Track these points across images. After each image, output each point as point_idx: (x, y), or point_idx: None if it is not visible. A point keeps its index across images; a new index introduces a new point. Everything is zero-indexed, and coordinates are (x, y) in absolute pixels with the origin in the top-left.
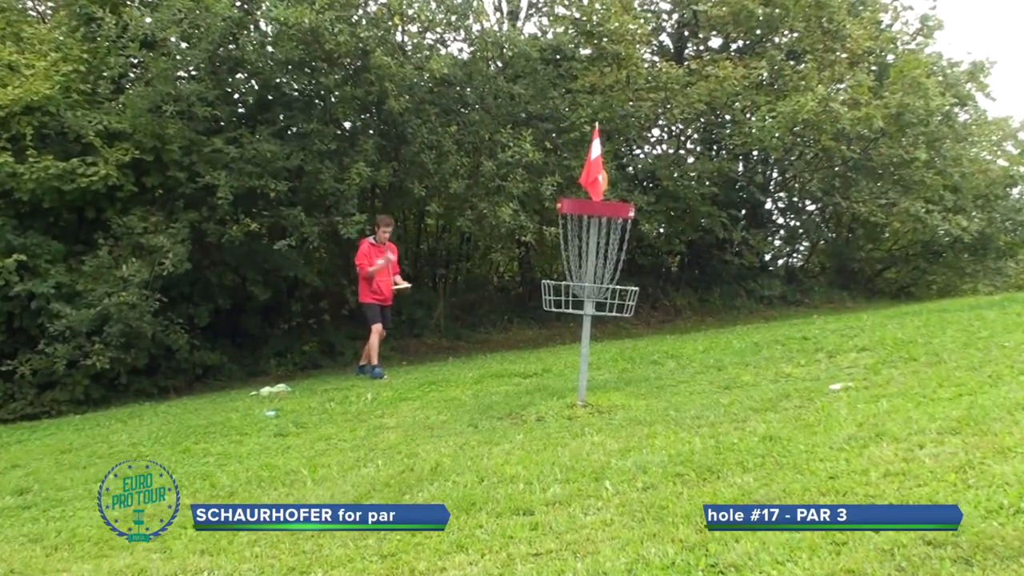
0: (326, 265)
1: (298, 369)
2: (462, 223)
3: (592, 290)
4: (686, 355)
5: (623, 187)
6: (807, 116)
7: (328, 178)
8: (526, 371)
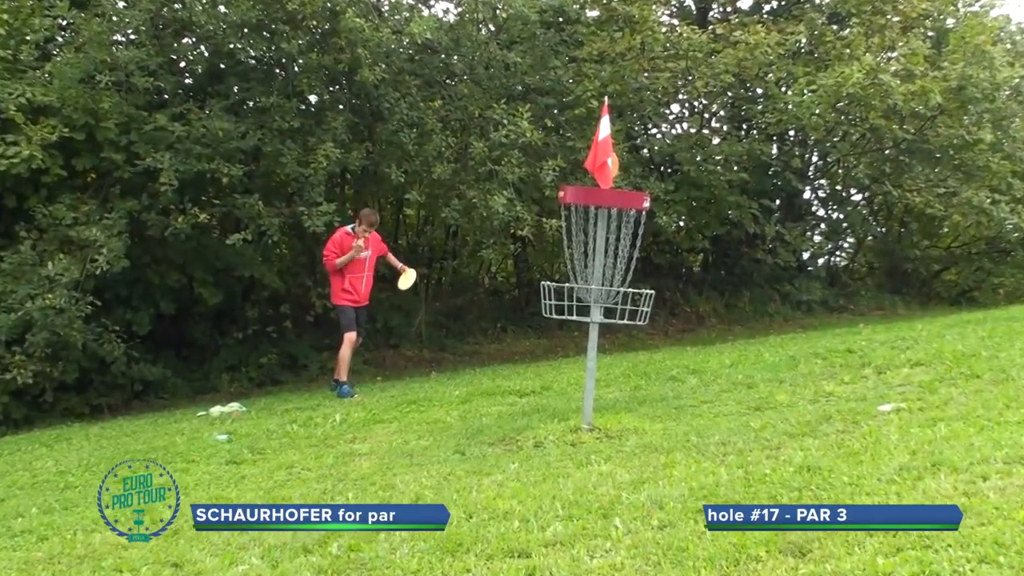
0: (288, 263)
1: (254, 385)
2: (447, 214)
3: (600, 294)
4: (710, 370)
5: (636, 173)
6: (853, 90)
7: (290, 161)
8: (522, 388)
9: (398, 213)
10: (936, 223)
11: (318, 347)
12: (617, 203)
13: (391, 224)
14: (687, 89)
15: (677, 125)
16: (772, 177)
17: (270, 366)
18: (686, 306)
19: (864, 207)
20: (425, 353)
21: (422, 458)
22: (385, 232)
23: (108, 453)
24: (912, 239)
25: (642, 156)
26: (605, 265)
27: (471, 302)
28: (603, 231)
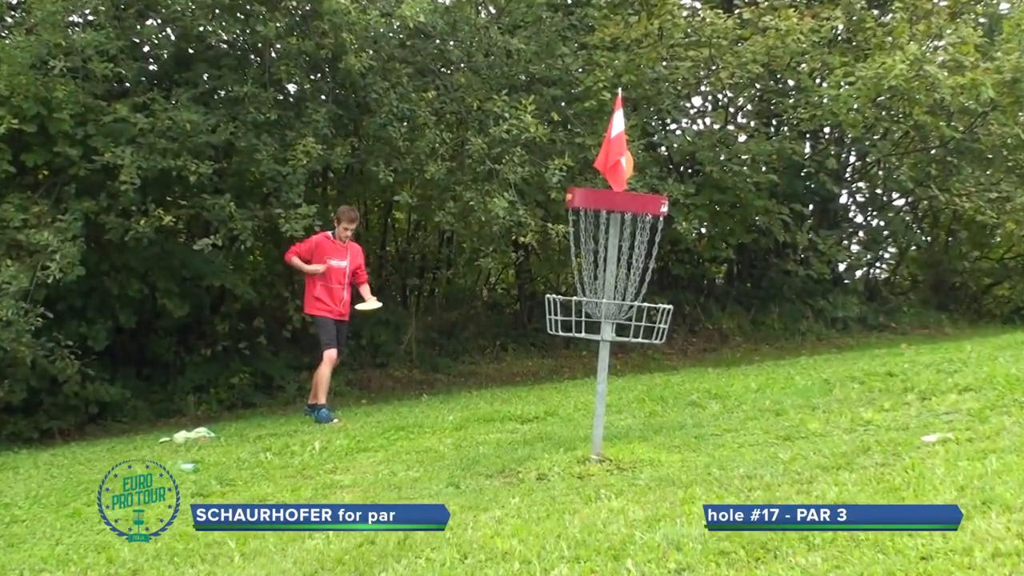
0: (262, 272)
1: (224, 408)
2: (442, 219)
3: (612, 308)
4: (734, 395)
5: (653, 173)
6: (895, 82)
7: (266, 158)
8: (524, 414)
9: (386, 217)
10: (987, 232)
11: (296, 366)
12: (631, 207)
13: (378, 229)
14: (710, 80)
15: (699, 120)
16: (805, 179)
17: (242, 387)
18: (708, 323)
19: (907, 213)
20: (415, 374)
21: (411, 491)
22: (372, 238)
23: (59, 483)
24: (960, 249)
25: (659, 155)
26: (617, 276)
27: (467, 317)
28: (615, 238)
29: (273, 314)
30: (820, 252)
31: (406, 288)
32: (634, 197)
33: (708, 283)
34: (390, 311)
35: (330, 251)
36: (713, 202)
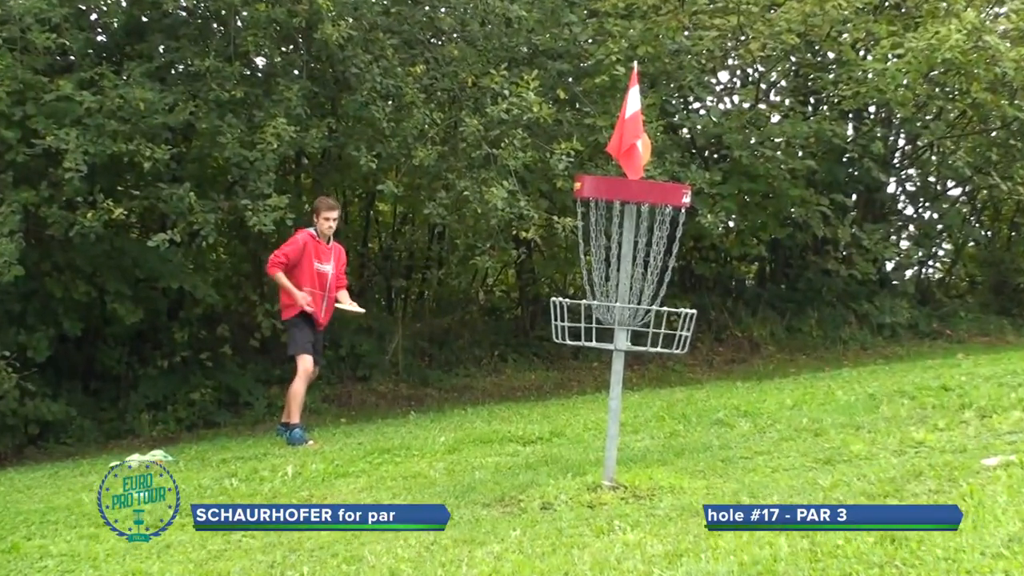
0: (227, 272)
1: (184, 428)
2: (432, 211)
3: (626, 313)
4: (767, 412)
5: (674, 159)
6: (950, 55)
7: (231, 141)
8: (526, 434)
9: (368, 209)
10: None
11: (265, 379)
12: (649, 197)
13: (359, 223)
14: (739, 53)
15: (726, 99)
16: (847, 166)
17: (204, 403)
18: (736, 330)
19: (964, 205)
20: (402, 388)
21: None
22: (352, 233)
23: None
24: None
25: (681, 138)
26: (633, 277)
27: (461, 323)
28: (630, 233)
29: (239, 320)
30: (865, 249)
31: (391, 290)
32: (652, 186)
33: (736, 284)
34: (373, 316)
35: (316, 253)
36: (742, 192)
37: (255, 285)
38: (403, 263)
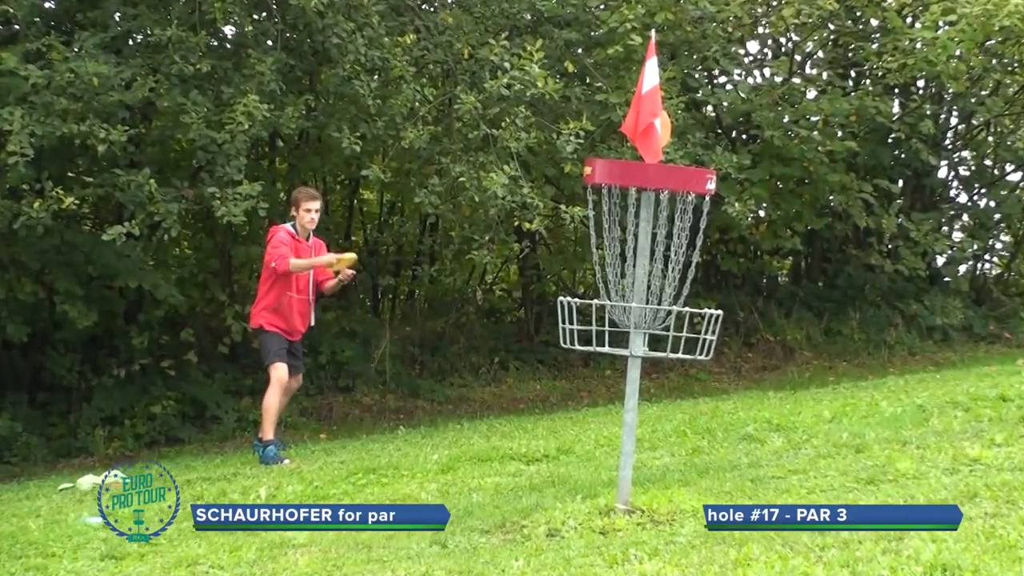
0: (192, 269)
1: (143, 445)
2: (423, 200)
3: (644, 315)
4: (802, 426)
5: (697, 140)
6: (1008, 22)
7: (197, 121)
8: (530, 452)
9: (352, 197)
10: None
11: (235, 390)
12: (669, 184)
13: (341, 214)
14: (770, 20)
15: (755, 72)
16: (892, 147)
17: (166, 417)
18: (767, 333)
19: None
20: (389, 400)
21: (384, 552)
22: (333, 225)
23: None
24: None
25: (705, 116)
26: (651, 274)
27: (456, 326)
28: (648, 224)
29: (206, 324)
30: (913, 241)
31: (378, 290)
32: (672, 171)
33: (768, 282)
34: (356, 319)
35: (296, 253)
36: (774, 177)
37: (224, 284)
38: (391, 258)
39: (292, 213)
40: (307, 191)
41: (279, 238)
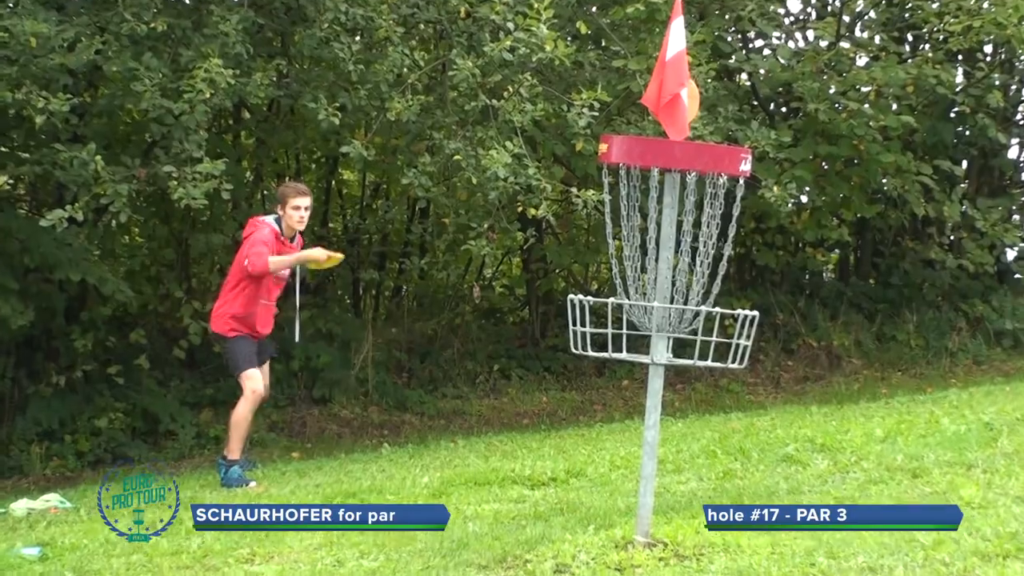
0: (144, 260)
1: (86, 464)
2: (412, 181)
3: (668, 316)
4: (850, 446)
5: (730, 113)
6: None
7: (151, 89)
8: (536, 474)
9: (329, 178)
10: None
11: (194, 401)
12: (697, 164)
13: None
14: None
15: (797, 35)
16: (955, 123)
17: (112, 432)
18: (810, 338)
19: None
20: (372, 413)
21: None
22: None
23: None
24: None
25: (739, 86)
26: (676, 268)
27: (450, 328)
28: (673, 211)
29: (160, 324)
30: (979, 232)
31: (359, 285)
32: (701, 149)
33: (811, 279)
34: (334, 319)
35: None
36: (819, 157)
37: (180, 278)
38: (374, 249)
39: (277, 211)
40: (296, 186)
41: (261, 236)
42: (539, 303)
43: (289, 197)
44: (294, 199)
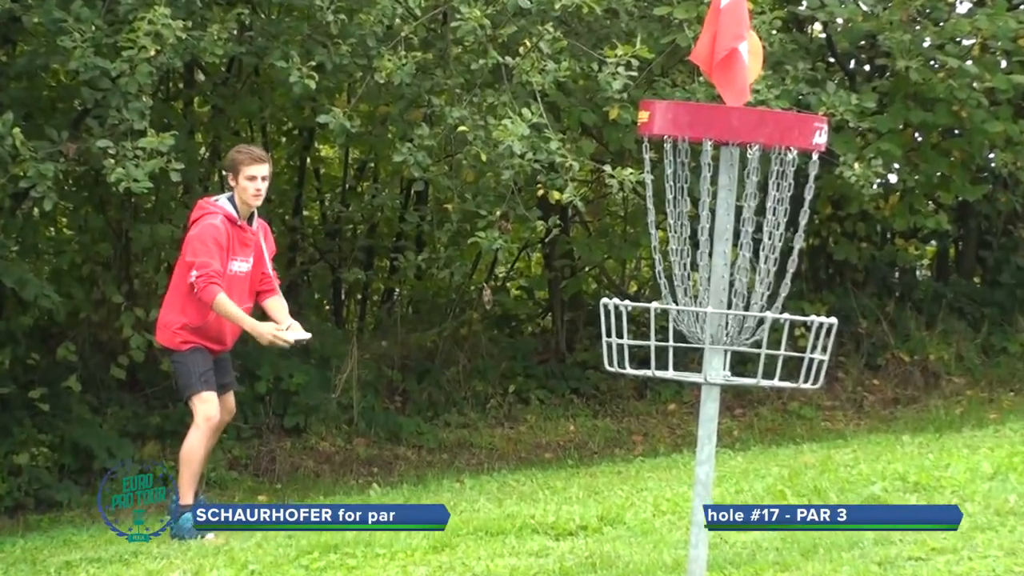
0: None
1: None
2: (407, 159)
3: (724, 324)
4: (951, 484)
5: (799, 73)
6: None
7: (82, 46)
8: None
9: (303, 156)
10: None
11: (136, 431)
12: (760, 136)
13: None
14: None
15: None
16: None
17: (35, 471)
18: (901, 351)
19: None
20: (358, 446)
21: None
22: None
23: None
24: None
25: (812, 38)
26: (735, 266)
27: (453, 341)
28: (730, 194)
29: (94, 336)
30: None
31: (340, 287)
32: (765, 117)
33: (902, 277)
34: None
35: (233, 244)
36: (911, 126)
37: (119, 279)
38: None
39: (228, 183)
40: (250, 151)
41: (208, 232)
42: (564, 309)
43: (242, 165)
44: (248, 167)
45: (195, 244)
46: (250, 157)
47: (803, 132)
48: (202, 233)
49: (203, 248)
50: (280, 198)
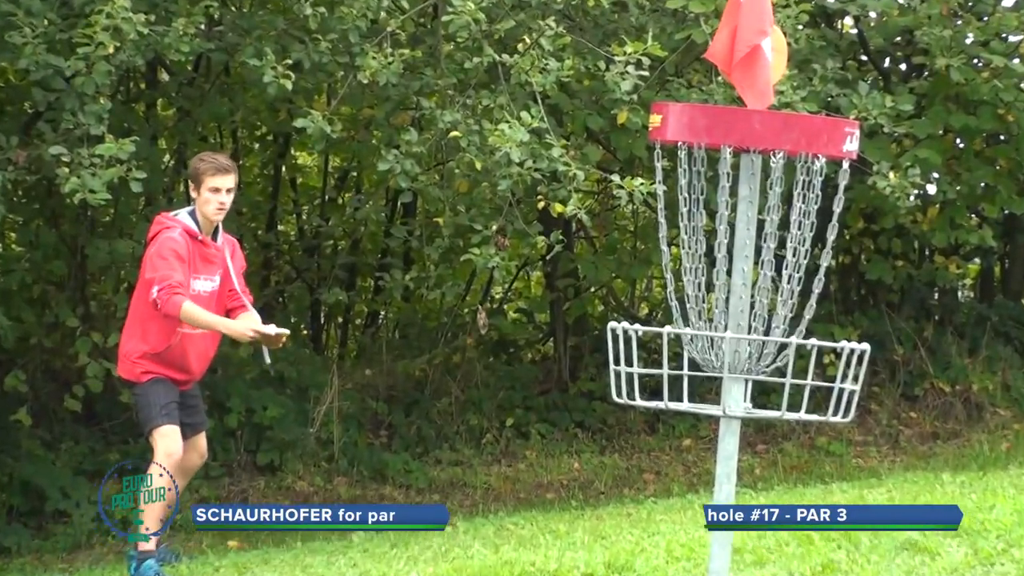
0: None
1: None
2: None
3: (744, 351)
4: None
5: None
6: None
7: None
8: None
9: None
10: None
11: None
12: (785, 142)
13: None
14: None
15: None
16: None
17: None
18: (941, 380)
19: None
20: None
21: None
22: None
23: None
24: None
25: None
26: (756, 286)
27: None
28: (751, 207)
29: (47, 364)
30: None
31: (319, 310)
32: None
33: (941, 299)
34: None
35: (195, 260)
36: (952, 132)
37: (74, 300)
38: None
39: (192, 194)
40: (215, 160)
41: (167, 244)
42: (568, 334)
43: (204, 175)
44: (211, 178)
45: (154, 260)
46: (214, 167)
47: (832, 138)
48: (160, 248)
49: (163, 263)
50: (253, 211)
